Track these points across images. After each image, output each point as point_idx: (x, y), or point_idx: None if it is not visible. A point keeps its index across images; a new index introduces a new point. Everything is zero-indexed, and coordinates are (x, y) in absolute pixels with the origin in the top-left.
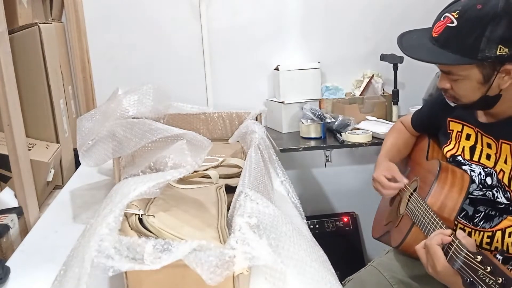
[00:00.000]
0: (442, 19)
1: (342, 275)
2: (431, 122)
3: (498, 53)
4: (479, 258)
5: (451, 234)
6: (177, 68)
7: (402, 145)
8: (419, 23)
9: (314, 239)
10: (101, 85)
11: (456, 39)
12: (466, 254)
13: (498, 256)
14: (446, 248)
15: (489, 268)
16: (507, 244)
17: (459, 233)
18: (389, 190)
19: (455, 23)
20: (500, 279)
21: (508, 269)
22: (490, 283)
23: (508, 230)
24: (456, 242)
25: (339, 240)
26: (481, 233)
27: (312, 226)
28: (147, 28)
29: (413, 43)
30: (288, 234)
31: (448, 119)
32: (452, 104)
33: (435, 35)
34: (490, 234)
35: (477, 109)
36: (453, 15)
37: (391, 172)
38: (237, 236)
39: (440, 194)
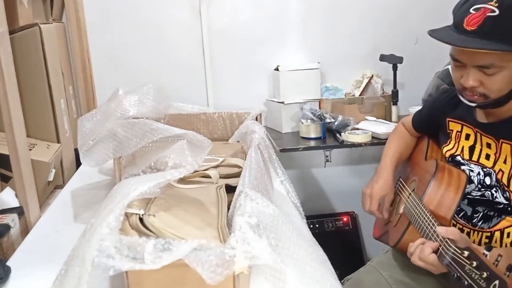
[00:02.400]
0: (474, 11)
1: (341, 275)
2: (431, 122)
3: None
4: (466, 253)
5: (439, 245)
6: (177, 68)
7: (404, 149)
8: (418, 23)
9: (314, 239)
10: (102, 85)
11: (502, 27)
12: (454, 249)
13: (485, 251)
14: (436, 250)
15: (475, 263)
16: (506, 244)
17: (441, 230)
18: (367, 212)
19: (497, 12)
20: (485, 273)
21: (494, 264)
22: (476, 277)
23: (506, 231)
24: (445, 239)
25: (338, 239)
26: (480, 233)
27: (311, 226)
28: (147, 28)
29: (452, 38)
30: (288, 233)
31: (448, 119)
32: (473, 105)
33: (473, 28)
34: (488, 234)
35: (498, 106)
36: (491, 5)
37: (385, 195)
38: (237, 236)
39: (436, 193)
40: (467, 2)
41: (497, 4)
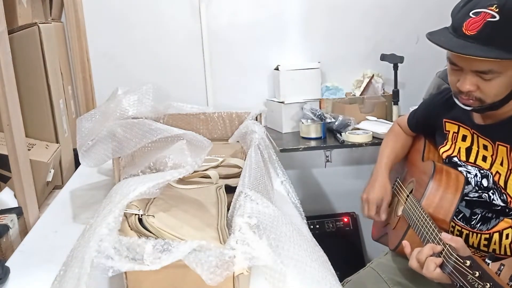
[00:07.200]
0: (474, 15)
1: (342, 276)
2: (427, 123)
3: None
4: (468, 262)
5: (442, 250)
6: (177, 68)
7: (400, 149)
8: (419, 23)
9: (314, 240)
10: (101, 85)
11: (502, 33)
12: (456, 258)
13: (487, 260)
14: (437, 253)
15: (477, 273)
16: (505, 246)
17: (446, 236)
18: (366, 217)
19: (498, 17)
20: (488, 284)
21: (497, 273)
22: None
23: (505, 232)
24: (447, 246)
25: (339, 240)
26: (479, 235)
27: (312, 226)
28: (146, 28)
29: (451, 43)
30: (288, 234)
31: (444, 120)
32: (468, 108)
33: (472, 33)
34: (487, 236)
35: (493, 110)
36: (492, 10)
37: (382, 198)
38: (237, 236)
39: (435, 196)
40: (466, 5)
41: (497, 10)
